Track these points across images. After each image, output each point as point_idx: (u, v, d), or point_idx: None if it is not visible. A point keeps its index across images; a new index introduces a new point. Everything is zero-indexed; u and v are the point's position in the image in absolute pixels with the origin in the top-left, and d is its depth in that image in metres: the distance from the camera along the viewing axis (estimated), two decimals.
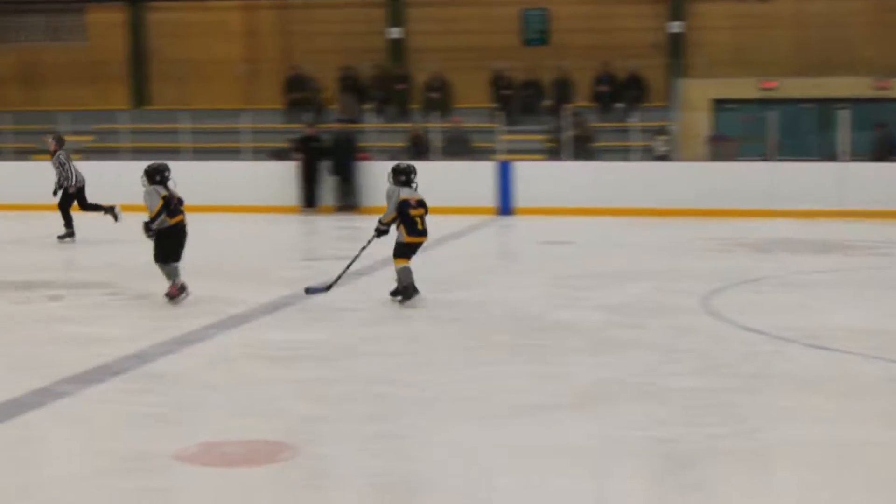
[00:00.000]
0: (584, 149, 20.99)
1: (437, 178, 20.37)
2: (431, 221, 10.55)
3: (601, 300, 10.71)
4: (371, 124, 22.82)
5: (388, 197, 10.44)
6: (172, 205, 10.29)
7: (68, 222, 16.09)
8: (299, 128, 21.70)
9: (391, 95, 23.84)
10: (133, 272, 12.37)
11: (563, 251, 14.78)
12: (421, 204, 10.38)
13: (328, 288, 10.80)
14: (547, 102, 22.95)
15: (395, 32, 25.10)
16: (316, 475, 5.62)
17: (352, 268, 10.92)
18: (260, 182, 21.04)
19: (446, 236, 16.10)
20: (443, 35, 24.68)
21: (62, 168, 16.10)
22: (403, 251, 10.37)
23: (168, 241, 10.30)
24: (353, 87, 23.81)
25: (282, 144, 21.79)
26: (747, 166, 20.24)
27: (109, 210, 16.06)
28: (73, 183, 16.13)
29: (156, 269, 10.46)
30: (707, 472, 5.66)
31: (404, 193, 10.33)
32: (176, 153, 22.19)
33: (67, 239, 15.99)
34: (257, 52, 25.70)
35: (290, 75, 24.16)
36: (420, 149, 21.48)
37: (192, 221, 10.40)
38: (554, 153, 21.28)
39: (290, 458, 5.79)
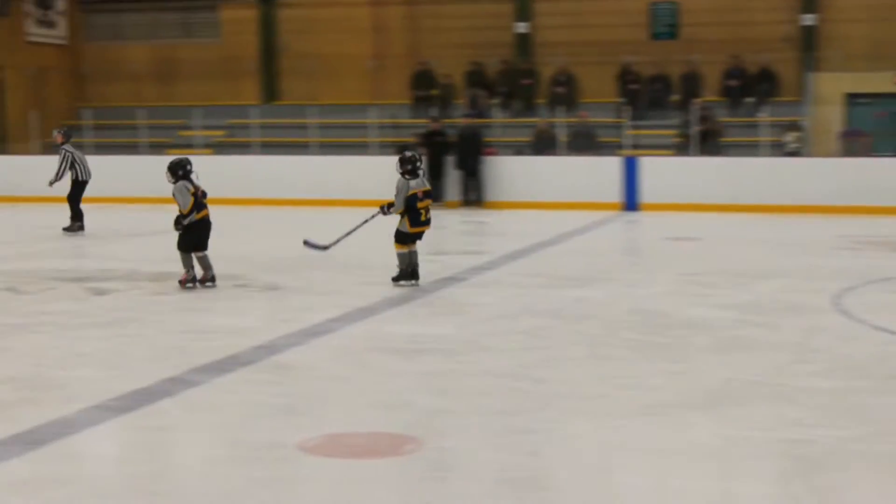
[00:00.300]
0: (712, 144, 20.65)
1: (562, 174, 20.40)
2: (555, 217, 10.56)
3: (730, 298, 10.54)
4: (497, 119, 22.82)
5: (398, 189, 10.87)
6: (198, 199, 10.87)
7: (76, 215, 16.55)
8: (425, 122, 21.79)
9: (517, 90, 23.79)
10: (262, 265, 12.59)
11: (690, 248, 14.58)
12: (427, 195, 10.96)
13: (326, 248, 11.66)
14: (675, 97, 22.66)
15: (521, 27, 25.06)
16: (439, 468, 5.64)
17: (480, 261, 10.96)
18: (386, 176, 21.16)
19: (571, 232, 16.03)
20: (569, 29, 24.56)
21: (63, 161, 16.55)
22: (404, 238, 10.89)
23: (195, 232, 10.89)
24: (479, 82, 23.84)
25: (408, 139, 21.92)
26: (881, 162, 19.71)
27: (80, 226, 16.49)
28: (80, 177, 16.58)
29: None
30: (838, 474, 5.53)
31: (413, 186, 10.82)
32: (304, 147, 22.52)
33: (79, 232, 16.42)
34: (385, 48, 25.89)
35: (417, 70, 24.30)
36: (546, 144, 21.39)
37: (320, 214, 10.57)
38: (681, 148, 20.98)
39: (413, 450, 5.82)
